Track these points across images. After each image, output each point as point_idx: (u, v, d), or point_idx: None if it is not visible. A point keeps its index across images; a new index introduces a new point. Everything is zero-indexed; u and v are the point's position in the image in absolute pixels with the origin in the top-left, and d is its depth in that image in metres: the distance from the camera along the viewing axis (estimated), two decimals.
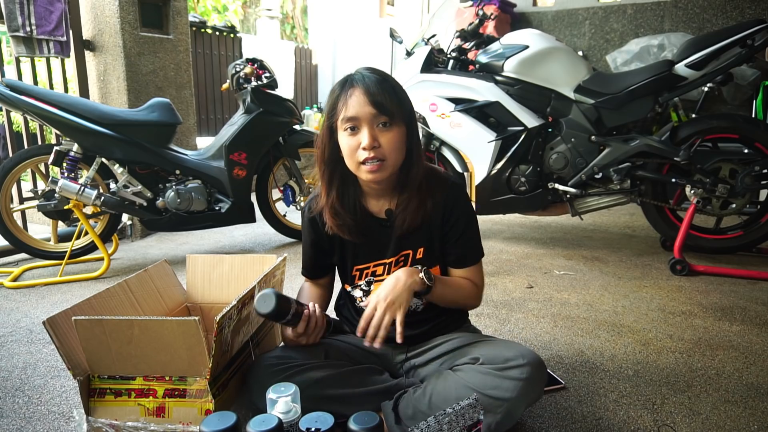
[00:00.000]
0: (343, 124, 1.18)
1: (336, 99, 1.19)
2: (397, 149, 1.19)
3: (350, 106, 1.16)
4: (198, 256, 1.71)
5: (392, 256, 1.32)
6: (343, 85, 1.19)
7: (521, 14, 5.44)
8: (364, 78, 1.18)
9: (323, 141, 1.24)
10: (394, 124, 1.18)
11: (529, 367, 1.14)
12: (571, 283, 2.50)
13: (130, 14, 3.28)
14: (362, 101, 1.15)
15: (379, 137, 1.17)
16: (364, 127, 1.16)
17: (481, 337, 1.37)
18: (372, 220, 1.32)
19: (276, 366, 1.25)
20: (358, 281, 1.36)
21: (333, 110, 1.20)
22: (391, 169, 1.20)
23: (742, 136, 2.64)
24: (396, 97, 1.18)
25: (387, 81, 1.19)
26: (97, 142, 2.63)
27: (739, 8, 4.57)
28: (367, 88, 1.16)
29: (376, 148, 1.16)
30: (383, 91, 1.16)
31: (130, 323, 1.16)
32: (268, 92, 3.00)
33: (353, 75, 1.20)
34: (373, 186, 1.26)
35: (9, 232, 2.67)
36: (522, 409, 1.17)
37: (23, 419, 1.39)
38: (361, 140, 1.16)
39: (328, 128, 1.23)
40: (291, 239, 3.33)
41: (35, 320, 2.06)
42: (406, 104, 1.21)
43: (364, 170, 1.18)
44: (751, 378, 1.60)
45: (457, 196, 1.32)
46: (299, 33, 13.04)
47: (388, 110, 1.16)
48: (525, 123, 2.87)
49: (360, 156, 1.17)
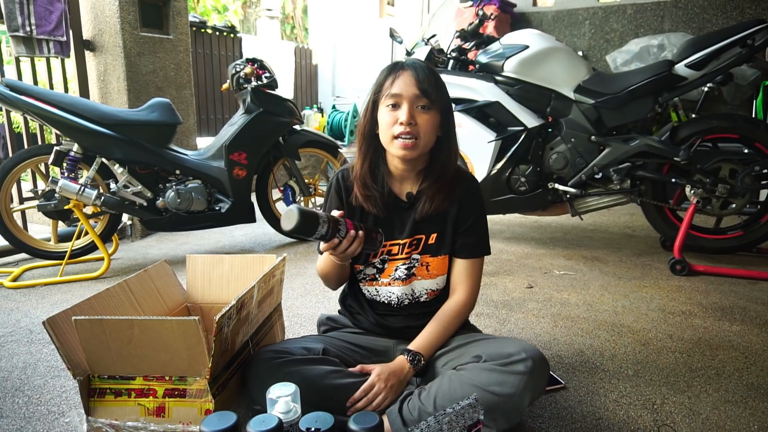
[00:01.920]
0: (386, 100, 1.27)
1: (384, 77, 1.29)
2: (431, 131, 1.28)
3: (396, 84, 1.26)
4: (198, 256, 1.71)
5: (407, 238, 1.37)
6: (393, 67, 1.29)
7: (521, 14, 5.44)
8: (415, 64, 1.28)
9: (365, 115, 1.33)
10: (432, 109, 1.27)
11: (531, 361, 1.16)
12: (571, 283, 2.50)
13: (130, 14, 3.28)
14: (409, 81, 1.25)
15: (416, 117, 1.25)
16: (404, 104, 1.25)
17: (481, 335, 1.39)
18: (393, 201, 1.38)
19: (274, 359, 1.25)
20: (372, 259, 1.39)
21: (380, 87, 1.29)
22: (421, 149, 1.28)
23: (742, 136, 2.64)
24: (439, 87, 1.28)
25: (434, 72, 1.29)
26: (97, 142, 2.63)
27: (740, 8, 4.57)
28: (415, 72, 1.26)
29: (412, 125, 1.25)
30: (429, 79, 1.26)
31: (130, 323, 1.16)
32: (268, 92, 3.01)
33: (405, 60, 1.31)
34: (400, 167, 1.34)
35: (9, 232, 2.67)
36: (527, 404, 1.17)
37: (23, 419, 1.39)
38: (399, 116, 1.25)
39: (371, 103, 1.32)
40: (291, 239, 3.33)
41: (35, 320, 2.06)
42: (446, 97, 1.31)
43: (397, 144, 1.26)
44: (751, 378, 1.60)
45: (474, 190, 1.41)
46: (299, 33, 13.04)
47: (430, 95, 1.25)
48: (525, 123, 2.87)
49: (396, 130, 1.25)
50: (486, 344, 1.28)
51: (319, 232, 1.12)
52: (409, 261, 1.37)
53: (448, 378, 1.21)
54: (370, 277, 1.41)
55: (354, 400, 1.21)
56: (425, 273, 1.38)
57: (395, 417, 1.18)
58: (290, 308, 2.16)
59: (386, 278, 1.39)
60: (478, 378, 1.16)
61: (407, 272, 1.37)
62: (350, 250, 1.18)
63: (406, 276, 1.38)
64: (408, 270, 1.37)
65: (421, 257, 1.38)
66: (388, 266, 1.38)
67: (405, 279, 1.38)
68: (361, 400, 1.22)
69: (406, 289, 1.38)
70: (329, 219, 1.14)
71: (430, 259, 1.38)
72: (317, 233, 1.12)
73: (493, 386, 1.14)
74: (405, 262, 1.37)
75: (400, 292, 1.38)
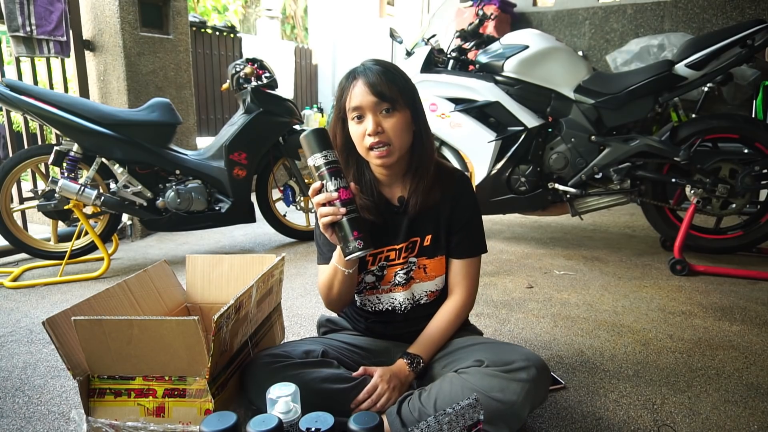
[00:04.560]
0: (350, 114, 1.25)
1: (342, 91, 1.27)
2: (402, 133, 1.24)
3: (354, 96, 1.23)
4: (198, 256, 1.71)
5: (402, 242, 1.35)
6: (348, 78, 1.26)
7: (521, 14, 5.44)
8: (366, 69, 1.24)
9: (334, 131, 1.30)
10: (397, 109, 1.23)
11: (534, 369, 1.16)
12: (571, 283, 2.50)
13: (130, 14, 3.28)
14: (364, 91, 1.22)
15: (383, 123, 1.22)
16: (368, 115, 1.22)
17: (482, 339, 1.38)
18: (385, 206, 1.36)
19: (272, 364, 1.25)
20: (370, 266, 1.36)
21: (341, 103, 1.27)
22: (398, 153, 1.25)
23: (742, 136, 2.64)
24: (396, 84, 1.24)
25: (388, 70, 1.25)
26: (97, 142, 2.63)
27: (740, 8, 4.57)
28: (367, 79, 1.22)
29: (381, 134, 1.22)
30: (384, 80, 1.22)
31: (130, 323, 1.16)
32: (268, 92, 3.01)
33: (357, 68, 1.27)
34: (384, 172, 1.32)
35: (9, 232, 2.67)
36: (527, 412, 1.17)
37: (23, 419, 1.39)
38: (366, 127, 1.22)
39: (339, 119, 1.29)
40: (291, 239, 3.33)
41: (35, 320, 2.06)
42: (408, 90, 1.26)
43: (373, 156, 1.24)
44: (751, 378, 1.60)
45: (464, 187, 1.38)
46: (299, 33, 13.04)
47: (389, 97, 1.22)
48: (525, 123, 2.86)
49: (366, 142, 1.23)
50: (488, 349, 1.27)
51: (329, 153, 1.14)
52: (406, 265, 1.36)
53: (450, 381, 1.20)
54: (370, 285, 1.37)
55: (358, 402, 1.21)
56: (423, 275, 1.37)
57: (394, 418, 1.18)
58: (290, 308, 2.16)
59: (387, 285, 1.37)
60: (480, 383, 1.16)
61: (406, 276, 1.36)
62: (338, 197, 1.13)
63: (405, 281, 1.36)
64: (406, 274, 1.36)
65: (417, 260, 1.36)
66: (387, 272, 1.36)
67: (405, 284, 1.36)
68: (365, 402, 1.21)
69: (407, 294, 1.37)
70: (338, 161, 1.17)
71: (427, 261, 1.36)
72: (326, 152, 1.14)
73: (495, 392, 1.14)
74: (403, 267, 1.35)
75: (402, 297, 1.37)
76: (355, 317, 1.46)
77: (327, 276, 1.31)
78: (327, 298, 1.35)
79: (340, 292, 1.31)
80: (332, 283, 1.30)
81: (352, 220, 1.14)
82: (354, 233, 1.13)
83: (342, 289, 1.30)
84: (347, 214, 1.13)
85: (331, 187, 1.14)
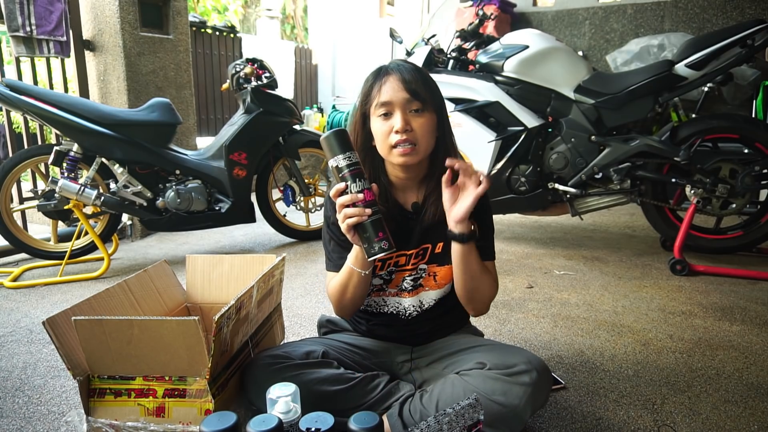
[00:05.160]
0: (376, 110, 1.21)
1: (370, 86, 1.23)
2: (429, 135, 1.22)
3: (384, 92, 1.19)
4: (198, 256, 1.71)
5: (414, 248, 1.32)
6: (378, 73, 1.23)
7: (521, 14, 5.44)
8: (399, 66, 1.22)
9: (356, 129, 1.27)
10: (426, 111, 1.21)
11: (536, 373, 1.15)
12: (571, 283, 2.50)
13: (130, 14, 3.28)
14: (396, 87, 1.19)
15: (411, 122, 1.19)
16: (397, 112, 1.19)
17: (484, 341, 1.37)
18: (399, 212, 1.32)
19: (272, 365, 1.25)
20: (379, 271, 1.34)
21: (367, 97, 1.23)
22: (422, 154, 1.22)
23: (742, 136, 2.64)
24: (429, 86, 1.22)
25: (420, 71, 1.23)
26: (97, 142, 2.63)
27: (740, 8, 4.57)
28: (401, 75, 1.19)
29: (409, 132, 1.19)
30: (417, 79, 1.20)
31: (130, 323, 1.16)
32: (268, 92, 3.01)
33: (388, 64, 1.24)
34: (401, 176, 1.28)
35: (9, 232, 2.67)
36: (529, 415, 1.17)
37: (23, 419, 1.39)
38: (394, 124, 1.19)
39: (361, 116, 1.26)
40: (291, 239, 3.33)
41: (35, 320, 2.06)
42: (437, 95, 1.25)
43: (396, 153, 1.20)
44: (751, 378, 1.60)
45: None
46: (299, 33, 13.04)
47: (421, 96, 1.19)
48: (525, 123, 2.86)
49: (392, 139, 1.19)
50: (490, 351, 1.26)
51: (351, 155, 1.12)
52: (416, 272, 1.33)
53: (451, 383, 1.20)
54: (377, 288, 1.36)
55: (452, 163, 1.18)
56: (432, 283, 1.34)
57: (396, 419, 1.18)
58: (290, 308, 2.16)
59: (394, 288, 1.35)
60: (483, 386, 1.16)
61: (414, 283, 1.33)
62: (363, 198, 1.11)
63: (413, 287, 1.34)
64: (415, 281, 1.33)
65: (428, 267, 1.33)
66: (395, 277, 1.34)
67: (411, 290, 1.34)
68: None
69: (413, 300, 1.35)
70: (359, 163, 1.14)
71: (438, 269, 1.33)
72: (349, 153, 1.12)
73: (497, 396, 1.14)
74: (411, 273, 1.33)
75: (408, 303, 1.35)
76: (356, 319, 1.46)
77: (340, 280, 1.27)
78: (339, 303, 1.31)
79: (354, 295, 1.27)
80: (346, 287, 1.26)
81: (377, 221, 1.13)
82: (379, 234, 1.12)
83: (356, 293, 1.27)
84: (372, 216, 1.12)
85: (356, 188, 1.12)
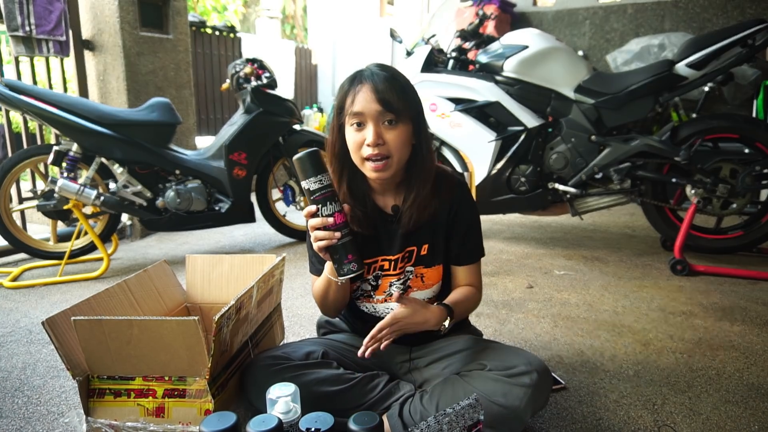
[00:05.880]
0: (350, 119, 1.18)
1: (345, 94, 1.19)
2: (402, 147, 1.19)
3: (357, 102, 1.16)
4: (197, 256, 1.71)
5: (398, 253, 1.31)
6: (352, 81, 1.19)
7: (521, 14, 5.44)
8: (373, 75, 1.17)
9: (333, 135, 1.24)
10: (400, 121, 1.17)
11: (536, 374, 1.15)
12: (571, 283, 2.50)
13: (130, 14, 3.28)
14: (369, 98, 1.15)
15: (384, 134, 1.16)
16: (369, 124, 1.16)
17: (484, 342, 1.37)
18: (379, 215, 1.31)
19: (272, 366, 1.24)
20: (365, 275, 1.33)
21: (342, 105, 1.20)
22: (395, 167, 1.20)
23: (743, 135, 2.64)
24: (403, 95, 1.18)
25: (396, 79, 1.19)
26: (97, 142, 2.62)
27: (740, 8, 4.57)
28: (374, 85, 1.15)
29: (381, 145, 1.16)
30: (391, 89, 1.15)
31: (130, 323, 1.15)
32: (268, 92, 3.00)
33: (363, 71, 1.20)
34: (378, 182, 1.26)
35: (8, 232, 2.67)
36: (529, 416, 1.17)
37: (23, 419, 1.39)
38: (366, 137, 1.16)
39: (337, 123, 1.23)
40: (291, 239, 3.33)
41: (35, 320, 2.06)
42: (413, 102, 1.21)
43: (369, 167, 1.19)
44: (751, 378, 1.60)
45: (464, 195, 1.33)
46: (299, 33, 13.04)
47: (395, 108, 1.15)
48: (525, 123, 2.86)
49: (364, 152, 1.17)
50: (490, 352, 1.26)
51: (323, 177, 1.12)
52: (403, 275, 1.32)
53: (452, 384, 1.20)
54: (366, 293, 1.35)
55: (381, 327, 1.18)
56: (420, 284, 1.33)
57: (396, 420, 1.17)
58: (290, 308, 2.16)
59: (381, 295, 1.33)
60: (483, 387, 1.16)
61: (402, 287, 1.32)
62: (333, 222, 1.12)
63: (402, 291, 1.32)
64: (403, 284, 1.32)
65: (414, 269, 1.32)
66: (382, 282, 1.33)
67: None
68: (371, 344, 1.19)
69: None
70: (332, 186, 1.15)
71: (425, 270, 1.32)
72: (321, 176, 1.12)
73: (497, 397, 1.14)
74: (399, 278, 1.32)
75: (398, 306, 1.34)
76: (354, 321, 1.45)
77: (321, 286, 1.29)
78: (323, 306, 1.34)
79: (335, 299, 1.29)
80: (327, 293, 1.28)
81: (347, 244, 1.14)
82: (348, 256, 1.14)
83: (337, 297, 1.29)
84: (342, 238, 1.13)
85: (326, 212, 1.13)
